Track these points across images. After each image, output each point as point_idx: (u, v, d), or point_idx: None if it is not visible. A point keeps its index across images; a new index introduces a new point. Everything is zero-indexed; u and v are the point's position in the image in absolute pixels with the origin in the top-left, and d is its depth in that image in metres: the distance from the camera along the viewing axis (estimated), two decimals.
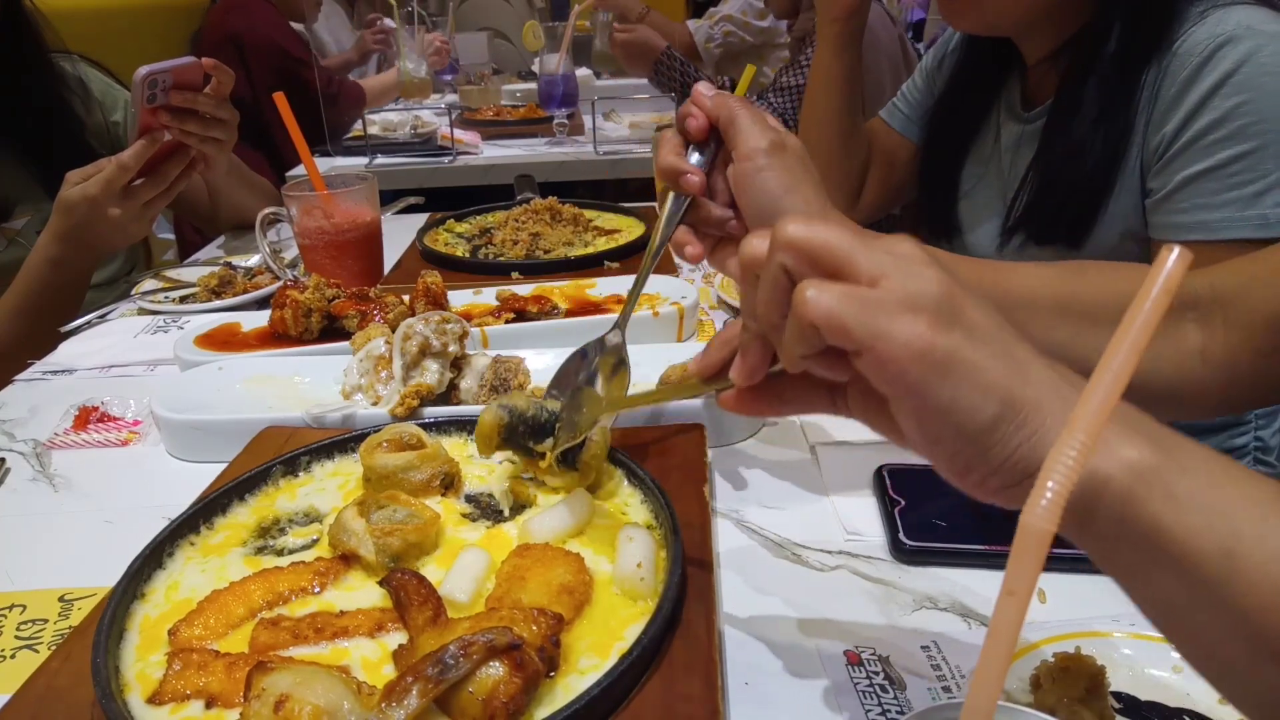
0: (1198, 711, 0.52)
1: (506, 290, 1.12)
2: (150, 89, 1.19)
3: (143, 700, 0.52)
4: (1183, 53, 1.01)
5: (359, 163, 2.19)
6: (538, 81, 2.31)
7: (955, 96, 1.35)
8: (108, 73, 1.63)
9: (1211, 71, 0.98)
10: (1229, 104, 0.97)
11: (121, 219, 1.24)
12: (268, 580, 0.61)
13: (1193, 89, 0.99)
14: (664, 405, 0.84)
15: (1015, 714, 0.38)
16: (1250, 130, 0.96)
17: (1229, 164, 0.97)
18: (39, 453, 0.89)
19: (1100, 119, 1.06)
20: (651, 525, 0.66)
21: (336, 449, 0.77)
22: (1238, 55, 0.96)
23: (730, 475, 0.81)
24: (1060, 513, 0.31)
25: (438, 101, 2.96)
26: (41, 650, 0.62)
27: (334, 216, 1.24)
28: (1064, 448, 0.31)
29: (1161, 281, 0.32)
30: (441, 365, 0.86)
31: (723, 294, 1.22)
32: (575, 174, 2.20)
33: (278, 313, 1.05)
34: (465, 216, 1.58)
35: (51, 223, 1.26)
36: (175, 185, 1.31)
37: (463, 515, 0.70)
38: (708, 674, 0.53)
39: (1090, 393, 0.32)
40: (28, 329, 1.29)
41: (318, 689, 0.47)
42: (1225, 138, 0.97)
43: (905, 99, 1.47)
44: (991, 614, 0.33)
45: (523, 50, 3.72)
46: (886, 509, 0.72)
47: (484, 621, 0.53)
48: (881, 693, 0.55)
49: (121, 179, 1.21)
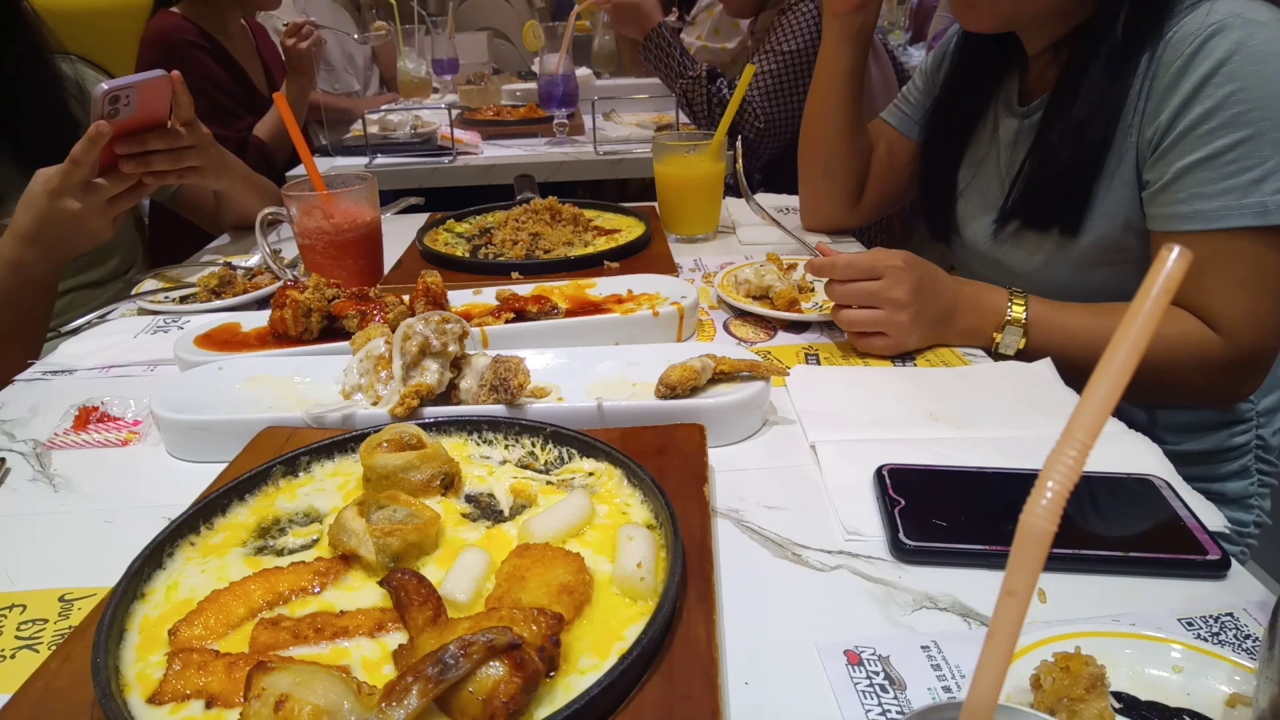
0: (1198, 711, 0.52)
1: (506, 290, 1.12)
2: (112, 105, 1.16)
3: (143, 700, 0.52)
4: (1175, 43, 1.01)
5: (359, 163, 2.20)
6: (538, 81, 2.31)
7: (954, 95, 1.35)
8: (107, 75, 1.63)
9: (1204, 61, 0.98)
10: (1222, 93, 0.97)
11: (82, 213, 1.22)
12: (268, 580, 0.61)
13: (1185, 79, 0.99)
14: (664, 405, 0.84)
15: (1015, 714, 0.38)
16: (1244, 118, 0.96)
17: (1224, 152, 0.98)
18: (39, 453, 0.89)
19: (1098, 105, 1.06)
20: (651, 525, 0.66)
21: (336, 449, 0.77)
22: (1229, 44, 0.97)
23: (730, 475, 0.81)
24: (1060, 513, 0.31)
25: (438, 101, 2.96)
26: (41, 650, 0.62)
27: (334, 216, 1.24)
28: (1064, 448, 0.31)
29: (1161, 281, 0.32)
30: (441, 365, 0.86)
31: (723, 294, 1.22)
32: (575, 174, 2.20)
33: (278, 313, 1.05)
34: (465, 216, 1.58)
35: (14, 220, 1.24)
36: (143, 187, 1.30)
37: (463, 515, 0.70)
38: (708, 674, 0.53)
39: (1090, 393, 0.32)
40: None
41: (318, 689, 0.47)
42: (1220, 126, 0.98)
43: (906, 100, 1.47)
44: (991, 614, 0.33)
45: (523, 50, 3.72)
46: (886, 509, 0.72)
47: (484, 621, 0.53)
48: (881, 693, 0.55)
49: (76, 172, 1.19)
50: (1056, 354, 1.01)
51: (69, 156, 1.18)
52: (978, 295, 1.07)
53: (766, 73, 2.14)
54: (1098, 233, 1.12)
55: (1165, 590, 0.64)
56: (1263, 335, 1.03)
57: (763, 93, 2.15)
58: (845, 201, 1.50)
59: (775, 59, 2.14)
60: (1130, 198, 1.09)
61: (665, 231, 1.53)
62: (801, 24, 2.12)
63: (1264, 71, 0.96)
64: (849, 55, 1.38)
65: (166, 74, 1.24)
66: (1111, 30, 1.06)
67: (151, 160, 1.27)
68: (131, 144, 1.24)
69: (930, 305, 1.03)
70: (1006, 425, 0.88)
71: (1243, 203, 0.98)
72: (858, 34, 1.37)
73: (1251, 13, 0.98)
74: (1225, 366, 1.04)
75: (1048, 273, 1.19)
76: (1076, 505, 0.71)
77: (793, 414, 0.91)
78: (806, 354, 1.07)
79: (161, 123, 1.29)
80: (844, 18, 1.35)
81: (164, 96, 1.26)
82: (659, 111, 2.65)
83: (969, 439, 0.85)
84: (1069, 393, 0.94)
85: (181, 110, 1.30)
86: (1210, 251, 1.01)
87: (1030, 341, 1.05)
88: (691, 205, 1.53)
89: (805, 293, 1.20)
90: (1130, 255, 1.12)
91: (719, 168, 1.49)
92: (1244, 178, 0.97)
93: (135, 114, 1.21)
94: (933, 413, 0.90)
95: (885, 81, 2.20)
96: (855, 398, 0.94)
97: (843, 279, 1.03)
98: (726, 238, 1.56)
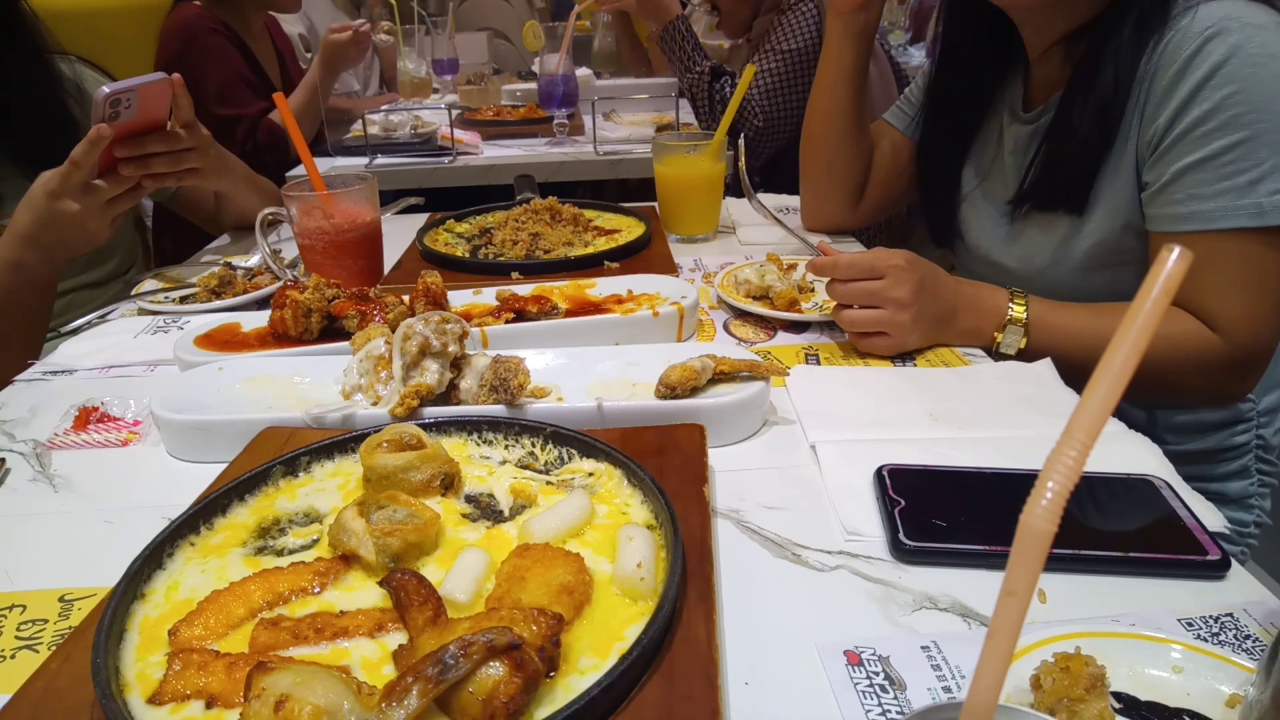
0: (1198, 711, 0.52)
1: (506, 290, 1.12)
2: (113, 108, 1.17)
3: (143, 700, 0.52)
4: (1173, 45, 1.01)
5: (359, 163, 2.19)
6: (538, 81, 2.31)
7: (947, 93, 1.35)
8: (107, 75, 1.63)
9: (1201, 63, 0.98)
10: (1219, 95, 0.98)
11: (81, 215, 1.22)
12: (268, 580, 0.61)
13: (1183, 81, 1.00)
14: (664, 405, 0.84)
15: (1015, 714, 0.38)
16: (1241, 120, 0.97)
17: (1222, 154, 0.98)
18: (39, 453, 0.89)
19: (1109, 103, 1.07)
20: (651, 525, 0.66)
21: (336, 449, 0.77)
22: (1226, 46, 0.97)
23: (730, 475, 0.81)
24: (1060, 513, 0.31)
25: (438, 101, 2.96)
26: (41, 650, 0.62)
27: (334, 216, 1.24)
28: (1064, 448, 0.31)
29: (1162, 282, 0.32)
30: (441, 365, 0.86)
31: (723, 294, 1.22)
32: (575, 174, 2.20)
33: (278, 313, 1.05)
34: (465, 216, 1.58)
35: (14, 221, 1.24)
36: (141, 188, 1.30)
37: (463, 515, 0.70)
38: (708, 674, 0.53)
39: (1090, 393, 0.32)
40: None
41: (318, 689, 0.47)
42: (1217, 128, 0.98)
43: (909, 101, 1.47)
44: (991, 614, 0.33)
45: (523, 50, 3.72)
46: (886, 509, 0.72)
47: (484, 621, 0.53)
48: (881, 693, 0.55)
49: (76, 174, 1.19)
50: (1057, 354, 1.01)
51: (69, 159, 1.18)
52: (978, 295, 1.08)
53: (766, 71, 2.14)
54: (1099, 234, 1.13)
55: (1165, 590, 0.64)
56: (1260, 334, 1.04)
57: (762, 92, 2.15)
58: (846, 201, 1.50)
59: (775, 58, 2.14)
60: (1130, 199, 1.09)
61: (665, 231, 1.53)
62: (802, 23, 2.12)
63: (1261, 74, 0.96)
64: (852, 54, 1.38)
65: (167, 77, 1.24)
66: (1122, 26, 1.06)
67: (151, 162, 1.27)
68: (131, 146, 1.24)
69: (931, 305, 1.03)
70: (1006, 425, 0.88)
71: (1239, 203, 0.98)
72: (861, 33, 1.36)
73: (1249, 16, 0.98)
74: (1224, 366, 1.05)
75: (1049, 274, 1.19)
76: (1076, 505, 0.71)
77: (793, 414, 0.91)
78: (806, 354, 1.07)
79: (161, 125, 1.29)
80: (847, 16, 1.35)
81: (164, 99, 1.26)
82: (659, 111, 2.65)
83: (969, 439, 0.85)
84: (1069, 393, 0.94)
85: (181, 112, 1.30)
86: (1208, 252, 1.01)
87: (1031, 341, 1.05)
88: (691, 205, 1.53)
89: (805, 293, 1.20)
90: (1131, 257, 1.12)
91: (719, 168, 1.49)
92: (1241, 179, 0.98)
93: (135, 117, 1.21)
94: (933, 413, 0.90)
95: (883, 82, 2.20)
96: (855, 398, 0.94)
97: (844, 278, 1.03)
98: (726, 238, 1.56)
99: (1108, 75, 1.06)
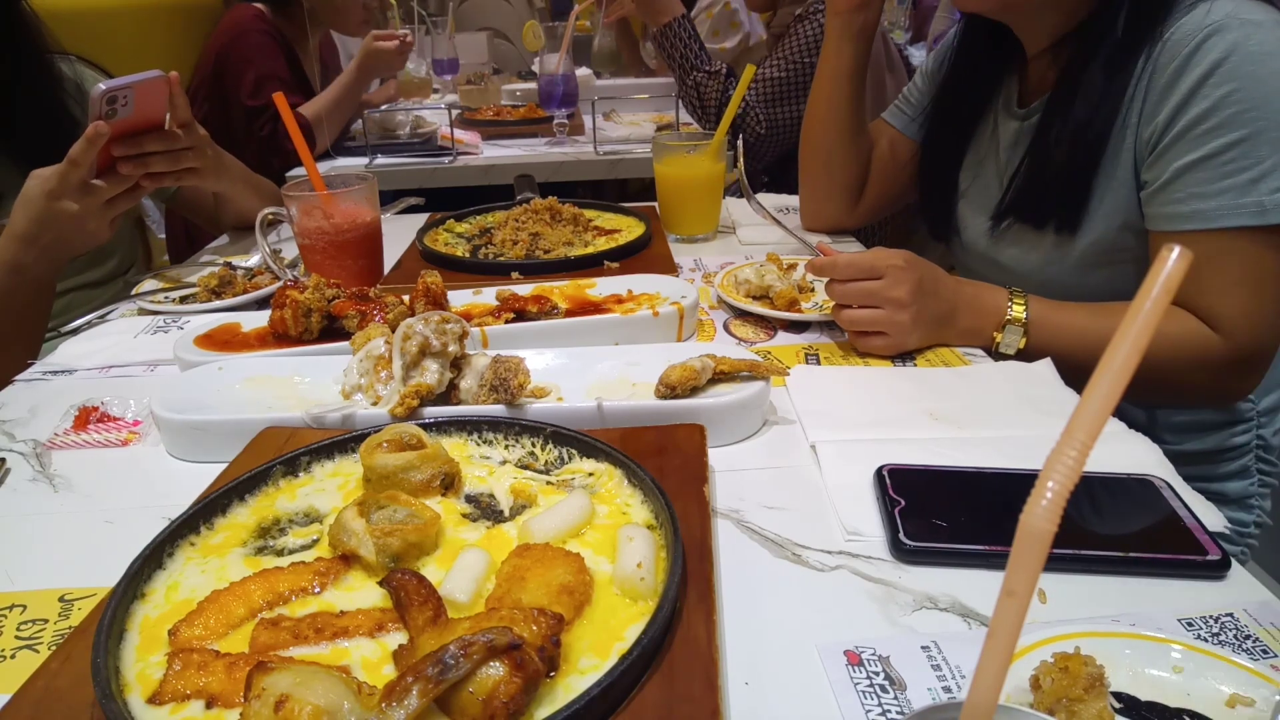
0: (1198, 711, 0.52)
1: (506, 290, 1.12)
2: (110, 105, 1.16)
3: (143, 700, 0.52)
4: (1172, 44, 1.01)
5: (359, 163, 2.20)
6: (538, 81, 2.31)
7: (954, 95, 1.35)
8: (106, 75, 1.63)
9: (1201, 61, 0.98)
10: (1219, 93, 0.97)
11: (79, 214, 1.22)
12: (268, 580, 0.61)
13: (1183, 79, 1.00)
14: (664, 405, 0.84)
15: (1015, 714, 0.38)
16: (1241, 118, 0.97)
17: (1222, 152, 0.98)
18: (39, 453, 0.89)
19: (1097, 106, 1.07)
20: (652, 525, 0.66)
21: (336, 449, 0.77)
22: (1226, 44, 0.97)
23: (730, 475, 0.81)
24: (1060, 513, 0.31)
25: (438, 101, 2.96)
26: (41, 650, 0.62)
27: (334, 217, 1.24)
28: (1064, 448, 0.31)
29: (1162, 281, 0.32)
30: (441, 365, 0.86)
31: (723, 294, 1.22)
32: (575, 174, 2.20)
33: (277, 313, 1.05)
34: (465, 216, 1.58)
35: (12, 221, 1.23)
36: (140, 188, 1.30)
37: (463, 515, 0.70)
38: (708, 674, 0.53)
39: (1090, 393, 0.32)
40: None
41: (318, 689, 0.47)
42: (1217, 126, 0.98)
43: (907, 100, 1.47)
44: (991, 614, 0.33)
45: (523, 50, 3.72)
46: (886, 509, 0.72)
47: (484, 621, 0.53)
48: (881, 693, 0.55)
49: (74, 173, 1.19)
50: (1057, 354, 1.01)
51: (67, 157, 1.18)
52: (978, 295, 1.07)
53: (772, 79, 2.14)
54: (1097, 233, 1.12)
55: (1165, 590, 0.64)
56: (1261, 334, 1.04)
57: (766, 99, 2.15)
58: (845, 201, 1.50)
59: (784, 66, 2.14)
60: (1129, 198, 1.09)
61: (665, 231, 1.53)
62: (816, 36, 2.12)
63: (1260, 72, 0.96)
64: (850, 53, 1.38)
65: (164, 75, 1.24)
66: (1111, 30, 1.06)
67: (149, 161, 1.27)
68: (129, 145, 1.24)
69: (931, 305, 1.03)
70: (1006, 425, 0.88)
71: (1240, 202, 0.98)
72: (859, 32, 1.36)
73: (1248, 13, 0.98)
74: (1224, 365, 1.05)
75: (1047, 273, 1.19)
76: (1076, 505, 0.71)
77: (793, 414, 0.91)
78: (806, 354, 1.07)
79: (159, 124, 1.29)
80: (845, 16, 1.35)
81: (161, 97, 1.26)
82: (659, 111, 2.65)
83: (969, 439, 0.85)
84: (1069, 393, 0.94)
85: (178, 112, 1.30)
86: (1208, 251, 1.01)
87: (1030, 341, 1.05)
88: (691, 205, 1.53)
89: (805, 293, 1.20)
90: (1130, 255, 1.12)
91: (719, 168, 1.49)
92: (1241, 177, 0.98)
93: (133, 115, 1.21)
94: (933, 413, 0.90)
95: (898, 86, 2.20)
96: (855, 398, 0.94)
97: (843, 278, 1.03)
98: (726, 238, 1.56)
99: (1095, 80, 1.06)
